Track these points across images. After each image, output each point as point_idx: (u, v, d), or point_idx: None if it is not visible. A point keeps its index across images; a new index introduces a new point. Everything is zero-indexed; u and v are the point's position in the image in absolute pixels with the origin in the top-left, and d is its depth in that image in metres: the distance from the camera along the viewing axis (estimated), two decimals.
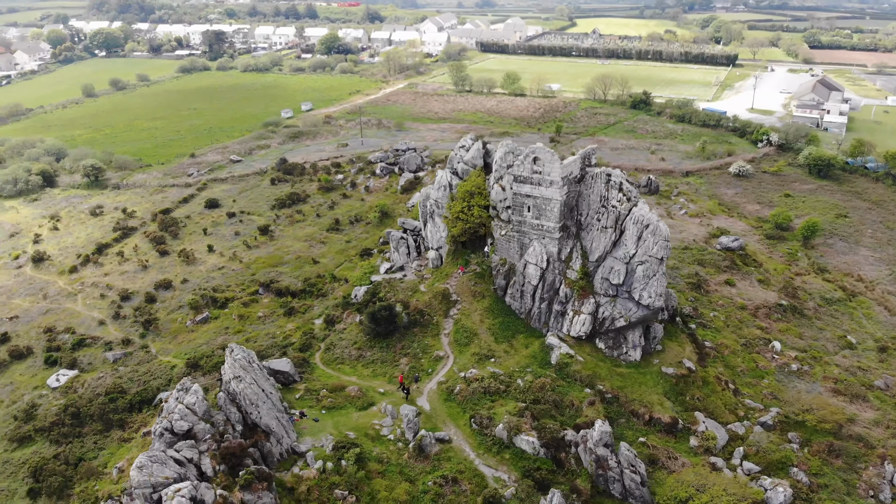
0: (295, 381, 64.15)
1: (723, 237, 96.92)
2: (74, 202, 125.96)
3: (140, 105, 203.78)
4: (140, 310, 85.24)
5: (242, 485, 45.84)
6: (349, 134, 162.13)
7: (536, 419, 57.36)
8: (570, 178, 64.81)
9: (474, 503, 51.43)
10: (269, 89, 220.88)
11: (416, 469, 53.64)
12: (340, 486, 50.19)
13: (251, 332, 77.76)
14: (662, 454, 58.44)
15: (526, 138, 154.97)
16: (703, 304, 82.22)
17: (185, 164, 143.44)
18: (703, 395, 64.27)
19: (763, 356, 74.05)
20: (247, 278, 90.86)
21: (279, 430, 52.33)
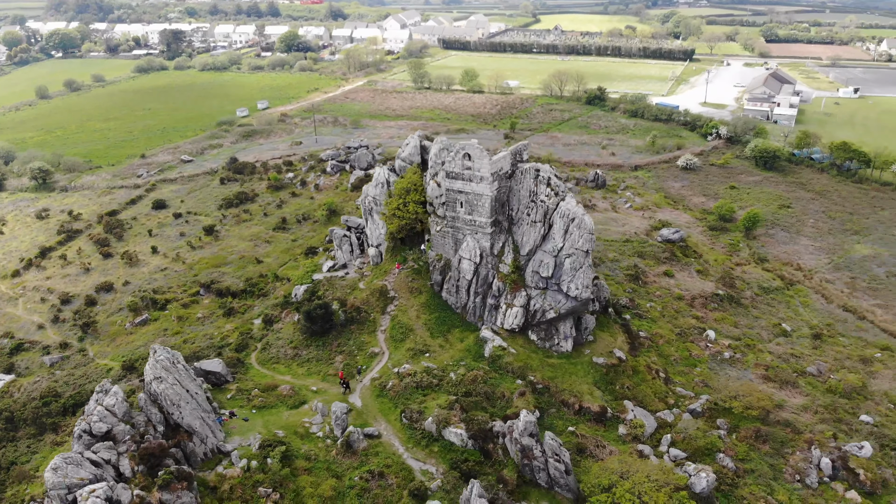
0: (227, 381, 64.02)
1: (664, 229, 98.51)
2: (21, 206, 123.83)
3: (94, 106, 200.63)
4: (79, 313, 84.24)
5: (161, 485, 45.73)
6: (304, 132, 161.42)
7: (466, 411, 57.96)
8: (501, 173, 65.47)
9: (400, 496, 51.87)
10: (226, 88, 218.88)
11: (344, 465, 53.96)
12: (264, 483, 50.29)
13: (189, 333, 77.29)
14: (591, 443, 59.40)
15: (481, 135, 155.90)
16: (641, 295, 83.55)
17: (135, 164, 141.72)
18: (632, 383, 65.43)
19: (697, 345, 75.55)
20: (189, 279, 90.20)
21: (203, 430, 52.22)
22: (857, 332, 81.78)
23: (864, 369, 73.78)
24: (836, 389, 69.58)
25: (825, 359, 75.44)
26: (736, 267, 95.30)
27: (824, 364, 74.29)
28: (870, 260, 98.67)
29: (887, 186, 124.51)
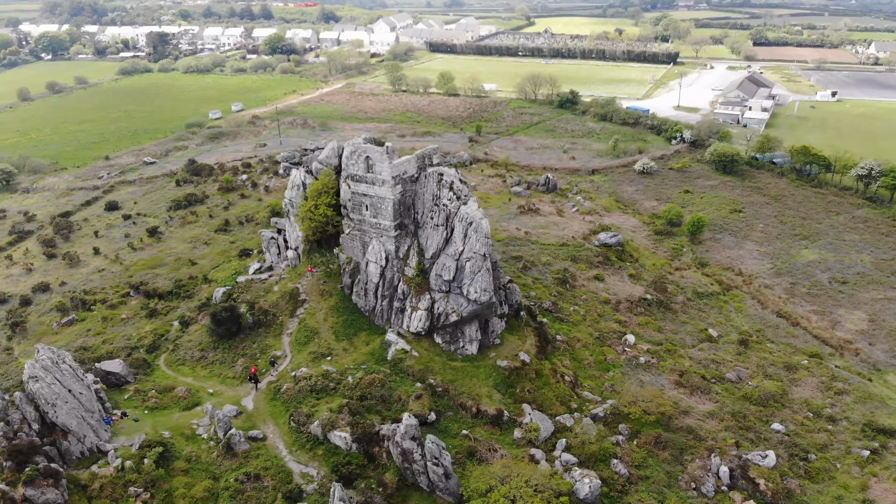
0: (127, 381, 64.43)
1: (602, 233, 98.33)
2: None
3: (72, 108, 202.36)
4: (12, 312, 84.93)
5: (25, 480, 46.12)
6: (271, 134, 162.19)
7: (354, 415, 58.07)
8: (405, 177, 65.65)
9: (274, 498, 52.06)
10: (205, 90, 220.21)
11: (223, 467, 54.11)
12: (136, 483, 50.53)
13: (110, 333, 77.79)
14: (483, 446, 59.33)
15: (448, 138, 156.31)
16: (567, 298, 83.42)
17: (97, 166, 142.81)
18: (534, 387, 65.30)
19: (614, 349, 75.34)
20: (123, 280, 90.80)
21: (81, 429, 52.59)
22: (787, 339, 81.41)
23: (788, 376, 73.35)
24: (751, 396, 69.18)
25: (747, 365, 75.07)
26: (674, 272, 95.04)
27: (745, 370, 73.92)
28: (814, 265, 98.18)
29: (846, 191, 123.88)
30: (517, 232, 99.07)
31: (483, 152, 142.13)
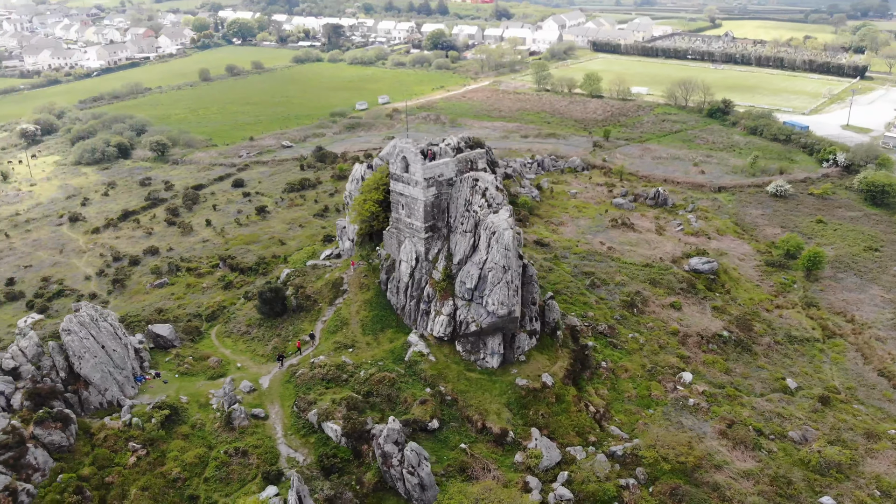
0: (173, 345, 69.92)
1: (695, 258, 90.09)
2: (135, 173, 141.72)
3: (242, 90, 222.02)
4: (119, 270, 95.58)
5: (36, 420, 52.01)
6: (403, 127, 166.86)
7: (351, 409, 58.58)
8: (440, 179, 64.75)
9: (254, 476, 54.15)
10: (363, 82, 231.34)
11: (220, 438, 57.13)
12: (137, 439, 54.97)
13: (187, 299, 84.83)
14: (478, 464, 57.39)
15: (572, 141, 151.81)
16: (629, 324, 77.66)
17: (241, 146, 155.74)
18: (549, 412, 61.73)
19: (663, 385, 69.03)
20: (219, 252, 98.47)
21: (104, 382, 58.08)
22: (880, 402, 70.08)
23: (865, 445, 63.20)
24: (808, 461, 60.47)
25: (819, 426, 65.58)
26: (773, 309, 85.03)
27: (814, 431, 64.68)
28: None
29: None
30: (600, 246, 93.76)
31: (602, 158, 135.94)
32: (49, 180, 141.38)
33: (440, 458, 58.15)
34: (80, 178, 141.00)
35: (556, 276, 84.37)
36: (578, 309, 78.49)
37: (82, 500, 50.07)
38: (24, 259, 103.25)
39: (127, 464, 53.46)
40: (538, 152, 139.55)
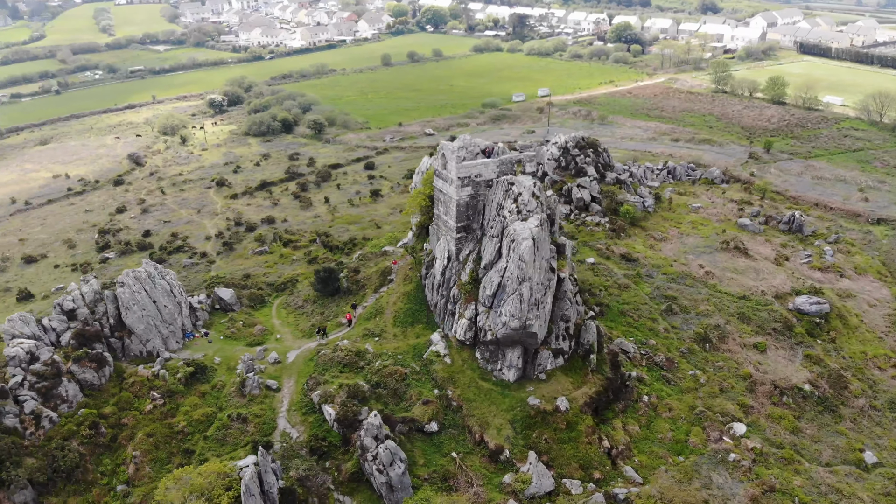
0: (232, 309, 75.44)
1: (803, 297, 78.31)
2: (289, 147, 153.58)
3: (416, 77, 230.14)
4: (235, 235, 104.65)
5: (74, 357, 59.30)
6: (551, 122, 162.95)
7: (351, 397, 59.40)
8: (478, 179, 62.63)
9: (246, 443, 57.18)
10: (531, 73, 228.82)
11: (231, 402, 60.95)
12: (158, 389, 60.51)
13: (275, 269, 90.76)
14: (462, 476, 55.74)
15: (726, 150, 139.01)
16: (695, 359, 69.85)
17: (389, 130, 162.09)
18: (554, 437, 57.71)
19: (707, 433, 61.47)
20: (321, 228, 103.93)
21: (146, 333, 64.45)
22: None
23: None
24: None
25: None
26: (888, 368, 71.96)
27: None
28: None
29: None
30: (697, 269, 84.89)
31: (750, 172, 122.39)
32: (218, 147, 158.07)
33: (429, 462, 57.25)
34: (244, 147, 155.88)
35: (629, 296, 78.16)
36: (640, 335, 72.22)
37: (96, 434, 56.35)
38: (167, 215, 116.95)
39: (144, 409, 59.09)
40: (681, 158, 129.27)
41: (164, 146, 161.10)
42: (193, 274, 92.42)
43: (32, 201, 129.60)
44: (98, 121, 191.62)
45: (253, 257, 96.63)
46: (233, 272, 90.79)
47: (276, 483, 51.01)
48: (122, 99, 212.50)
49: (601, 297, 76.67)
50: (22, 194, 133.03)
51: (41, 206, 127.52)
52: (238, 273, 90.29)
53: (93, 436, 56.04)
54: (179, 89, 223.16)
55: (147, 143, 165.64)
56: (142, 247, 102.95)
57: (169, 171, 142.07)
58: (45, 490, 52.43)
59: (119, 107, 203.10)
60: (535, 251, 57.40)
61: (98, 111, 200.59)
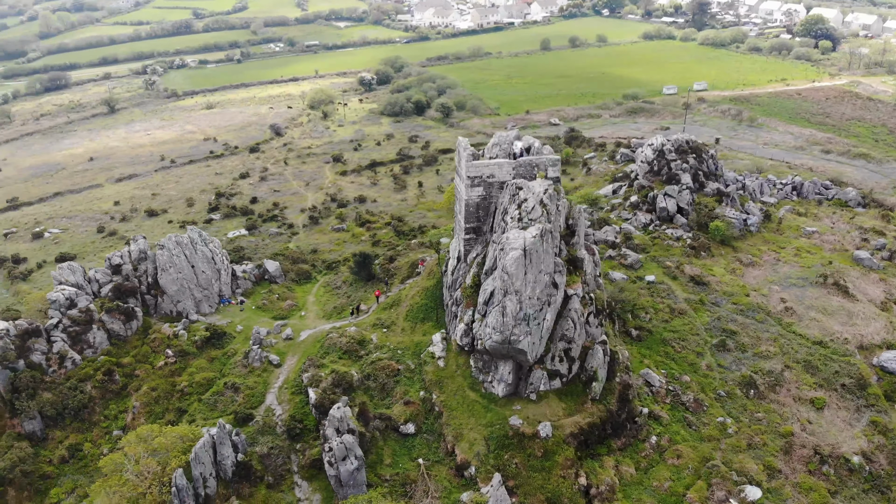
0: (274, 281, 78.81)
1: (892, 352, 65.69)
2: (415, 129, 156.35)
3: (567, 63, 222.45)
4: (325, 210, 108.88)
5: (106, 308, 65.54)
6: (693, 119, 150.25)
7: (335, 385, 59.75)
8: (490, 180, 59.33)
9: (230, 411, 59.80)
10: (696, 64, 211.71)
11: (233, 371, 63.95)
12: (173, 348, 65.11)
13: (342, 247, 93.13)
14: (422, 485, 54.35)
15: (886, 168, 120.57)
16: (732, 405, 61.54)
17: (514, 118, 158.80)
18: (525, 464, 53.84)
19: (712, 491, 54.16)
20: (401, 212, 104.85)
21: (178, 295, 69.37)
22: None
23: None
24: None
25: None
26: None
27: None
28: None
29: None
30: (776, 304, 74.23)
31: None
32: (353, 124, 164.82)
33: (395, 464, 56.36)
34: (374, 126, 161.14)
35: (680, 323, 70.54)
36: (676, 368, 65.09)
37: (109, 380, 62.05)
38: (280, 184, 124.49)
39: (156, 365, 64.00)
40: (823, 173, 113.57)
41: (307, 119, 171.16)
42: (274, 242, 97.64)
43: (177, 160, 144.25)
44: (262, 91, 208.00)
45: (330, 233, 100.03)
46: (305, 245, 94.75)
47: (233, 456, 52.98)
48: (289, 71, 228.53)
49: (645, 321, 69.95)
50: (172, 153, 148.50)
51: (182, 166, 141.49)
52: (309, 247, 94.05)
53: (106, 382, 61.73)
54: (343, 65, 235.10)
55: (294, 115, 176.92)
56: (244, 212, 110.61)
57: (300, 144, 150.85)
58: (53, 423, 58.85)
59: (284, 79, 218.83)
60: (526, 263, 53.47)
61: (265, 81, 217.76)
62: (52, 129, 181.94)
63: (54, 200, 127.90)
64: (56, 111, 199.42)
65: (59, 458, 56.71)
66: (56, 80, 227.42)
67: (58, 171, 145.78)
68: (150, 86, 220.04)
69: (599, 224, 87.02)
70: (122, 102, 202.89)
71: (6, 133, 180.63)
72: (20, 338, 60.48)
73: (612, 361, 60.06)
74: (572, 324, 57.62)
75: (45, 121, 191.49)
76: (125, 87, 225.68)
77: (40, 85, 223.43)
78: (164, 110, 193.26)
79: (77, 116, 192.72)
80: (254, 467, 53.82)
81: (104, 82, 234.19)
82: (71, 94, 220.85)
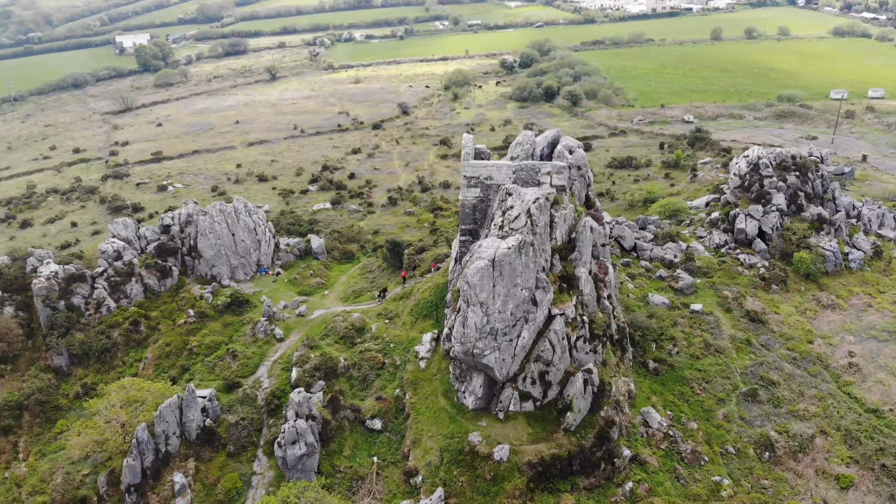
0: (316, 257, 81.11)
1: None
2: (536, 116, 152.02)
3: (734, 56, 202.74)
4: (408, 192, 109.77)
5: (145, 264, 71.55)
6: (847, 130, 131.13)
7: (316, 369, 60.64)
8: (488, 182, 56.11)
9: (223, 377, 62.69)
10: (883, 69, 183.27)
11: (240, 340, 66.86)
12: (195, 309, 69.61)
13: (403, 231, 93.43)
14: (367, 483, 54.03)
15: None
16: (736, 464, 54.04)
17: (646, 111, 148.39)
18: (473, 486, 51.20)
19: None
20: None
21: (214, 259, 73.75)
22: None
23: None
24: None
25: None
26: None
27: None
28: None
29: None
30: (841, 358, 63.04)
31: None
32: (479, 107, 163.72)
33: (353, 457, 56.35)
34: (498, 111, 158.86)
35: (712, 362, 62.90)
36: (687, 412, 58.37)
37: (135, 330, 67.88)
38: (382, 163, 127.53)
39: (177, 322, 68.87)
40: None
41: (437, 100, 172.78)
42: (350, 219, 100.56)
43: (307, 130, 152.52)
44: (410, 68, 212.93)
45: (401, 216, 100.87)
46: (372, 225, 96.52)
47: (200, 420, 55.80)
48: (441, 50, 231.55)
49: (670, 354, 63.10)
50: (306, 123, 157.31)
51: (309, 136, 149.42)
52: (374, 227, 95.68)
53: (131, 331, 67.60)
54: (494, 46, 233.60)
55: (428, 94, 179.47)
56: (338, 187, 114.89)
57: (420, 124, 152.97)
58: (78, 361, 65.68)
59: (434, 57, 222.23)
60: (495, 275, 50.24)
61: (416, 59, 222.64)
62: (217, 91, 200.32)
63: (191, 157, 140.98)
64: (227, 75, 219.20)
65: (74, 393, 63.17)
66: (236, 45, 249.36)
67: (206, 131, 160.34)
68: (314, 57, 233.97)
69: (664, 239, 79.32)
70: (284, 71, 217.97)
71: (179, 91, 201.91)
72: (66, 281, 67.99)
73: (599, 393, 55.07)
74: (550, 346, 53.43)
75: (216, 83, 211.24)
76: (292, 56, 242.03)
77: (221, 49, 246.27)
78: (317, 81, 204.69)
79: (242, 81, 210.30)
80: (219, 434, 56.27)
81: (278, 51, 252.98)
82: (246, 59, 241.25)
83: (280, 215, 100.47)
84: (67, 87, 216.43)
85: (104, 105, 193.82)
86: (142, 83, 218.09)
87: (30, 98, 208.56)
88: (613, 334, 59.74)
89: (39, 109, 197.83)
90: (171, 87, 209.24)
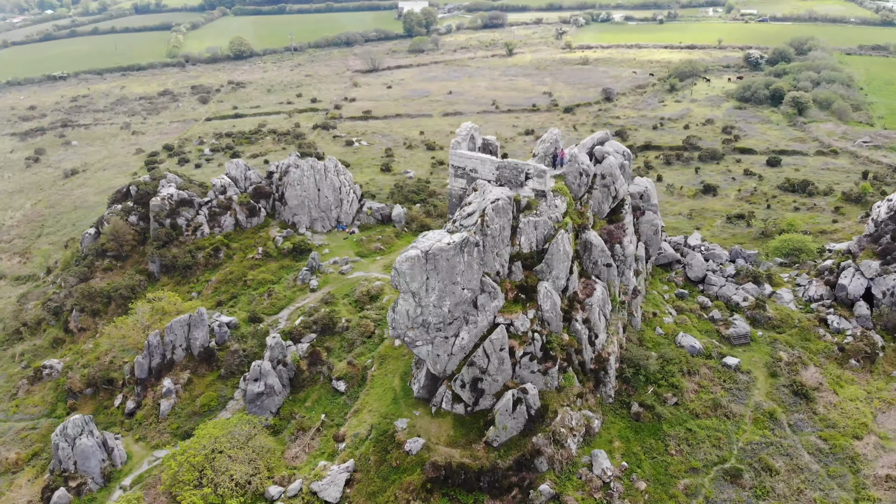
0: (393, 224, 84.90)
1: None
2: (745, 119, 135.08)
3: None
4: None
5: (239, 202, 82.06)
6: None
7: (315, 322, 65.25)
8: (473, 175, 54.33)
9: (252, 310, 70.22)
10: None
11: (283, 282, 73.79)
12: (266, 248, 78.36)
13: None
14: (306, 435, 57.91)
15: None
16: None
17: (883, 133, 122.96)
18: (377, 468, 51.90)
19: None
20: None
21: (297, 209, 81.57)
22: None
23: None
24: None
25: None
26: None
27: None
28: None
29: None
30: (884, 466, 49.56)
31: None
32: (692, 102, 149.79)
33: (311, 409, 60.21)
34: (707, 108, 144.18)
35: (707, 424, 54.40)
36: (645, 470, 51.72)
37: (214, 256, 78.92)
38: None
39: (246, 256, 78.41)
40: None
41: (651, 89, 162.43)
42: None
43: (501, 107, 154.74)
44: (648, 53, 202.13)
45: None
46: None
47: (206, 340, 64.34)
48: (692, 38, 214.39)
49: (665, 403, 55.69)
50: (507, 100, 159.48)
51: (498, 113, 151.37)
52: None
53: (212, 256, 78.72)
54: (753, 38, 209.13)
55: (645, 83, 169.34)
56: None
57: (614, 112, 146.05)
58: (166, 271, 78.59)
59: (681, 45, 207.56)
60: (428, 268, 49.46)
61: (661, 45, 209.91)
62: (454, 62, 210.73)
63: (392, 120, 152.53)
64: (473, 46, 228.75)
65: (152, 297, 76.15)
66: (495, 18, 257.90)
67: (421, 98, 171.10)
68: (559, 35, 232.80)
69: (745, 277, 68.11)
70: (522, 47, 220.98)
71: (423, 58, 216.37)
72: (177, 203, 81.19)
73: (536, 417, 51.66)
74: (485, 354, 51.28)
75: (459, 53, 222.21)
76: (541, 33, 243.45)
77: (481, 21, 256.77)
78: (546, 60, 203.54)
79: (482, 54, 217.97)
80: (216, 356, 64.32)
81: (533, 27, 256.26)
82: (499, 33, 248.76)
83: (416, 181, 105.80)
84: (340, 45, 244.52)
85: (358, 63, 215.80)
86: (399, 47, 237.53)
87: (307, 50, 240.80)
88: (586, 362, 54.67)
89: (309, 61, 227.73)
90: (421, 53, 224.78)
